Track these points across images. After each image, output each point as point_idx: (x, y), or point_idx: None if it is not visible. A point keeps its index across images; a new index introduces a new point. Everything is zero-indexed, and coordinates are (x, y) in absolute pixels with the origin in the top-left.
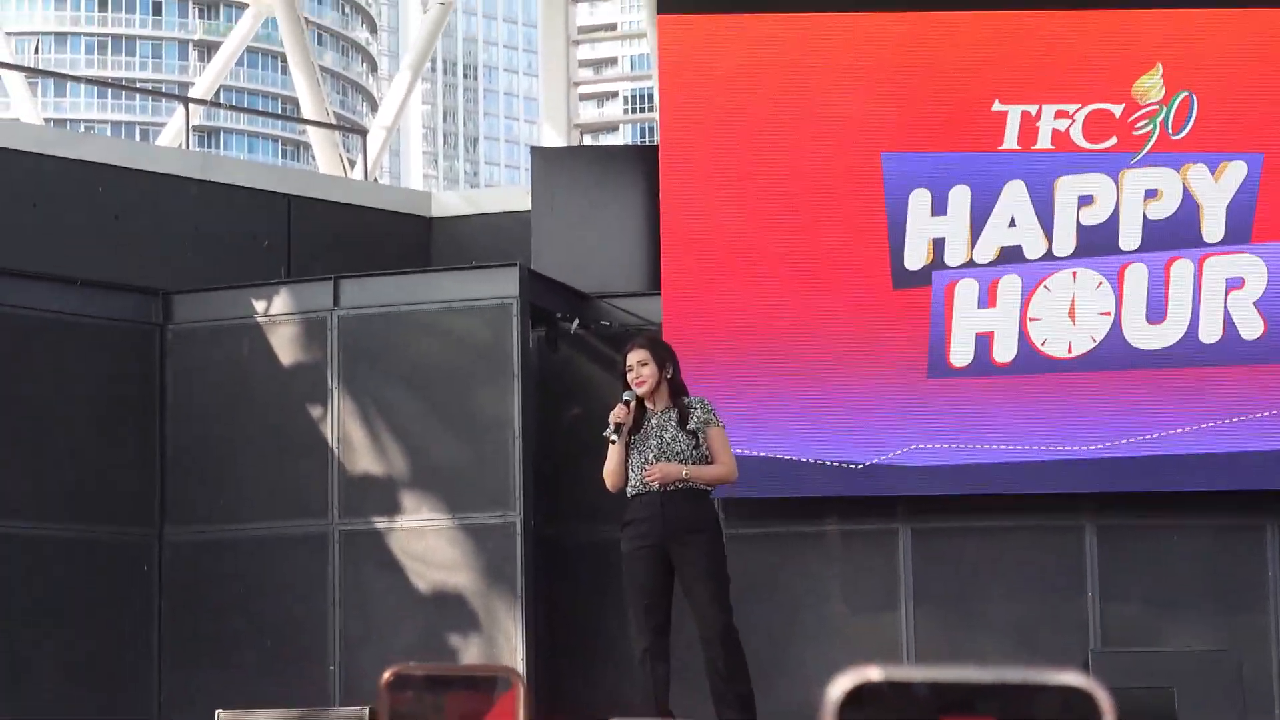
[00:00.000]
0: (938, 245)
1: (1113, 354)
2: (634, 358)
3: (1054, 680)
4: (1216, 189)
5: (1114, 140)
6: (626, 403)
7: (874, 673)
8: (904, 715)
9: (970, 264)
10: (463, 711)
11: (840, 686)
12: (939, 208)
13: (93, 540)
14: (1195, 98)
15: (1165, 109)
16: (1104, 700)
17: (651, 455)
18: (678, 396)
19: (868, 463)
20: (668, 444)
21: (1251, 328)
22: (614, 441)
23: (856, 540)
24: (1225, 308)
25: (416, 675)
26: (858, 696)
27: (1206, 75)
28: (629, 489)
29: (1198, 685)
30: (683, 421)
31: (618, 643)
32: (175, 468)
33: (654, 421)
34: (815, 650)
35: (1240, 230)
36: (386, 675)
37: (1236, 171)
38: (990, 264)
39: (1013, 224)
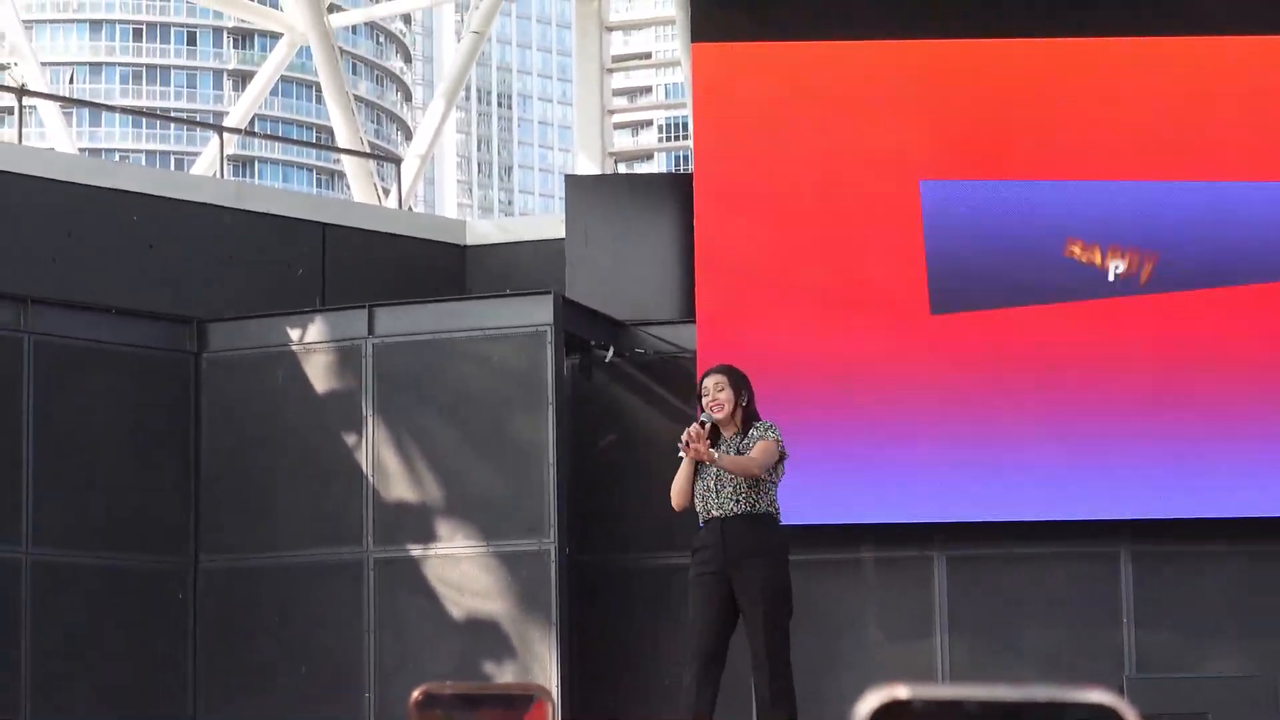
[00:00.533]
0: (975, 272)
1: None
2: (710, 382)
3: (1082, 698)
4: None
5: None
6: (702, 424)
7: (902, 691)
8: None
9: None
10: None
11: (868, 704)
12: (975, 234)
13: (128, 568)
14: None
15: None
16: (1131, 717)
17: (712, 483)
18: (746, 426)
19: (903, 489)
20: (726, 469)
21: None
22: (681, 457)
23: (892, 568)
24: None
25: (446, 694)
26: (885, 714)
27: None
28: (699, 514)
29: (1232, 711)
30: (744, 451)
31: (651, 668)
32: (210, 495)
33: (722, 449)
34: (851, 678)
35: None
36: (416, 694)
37: None
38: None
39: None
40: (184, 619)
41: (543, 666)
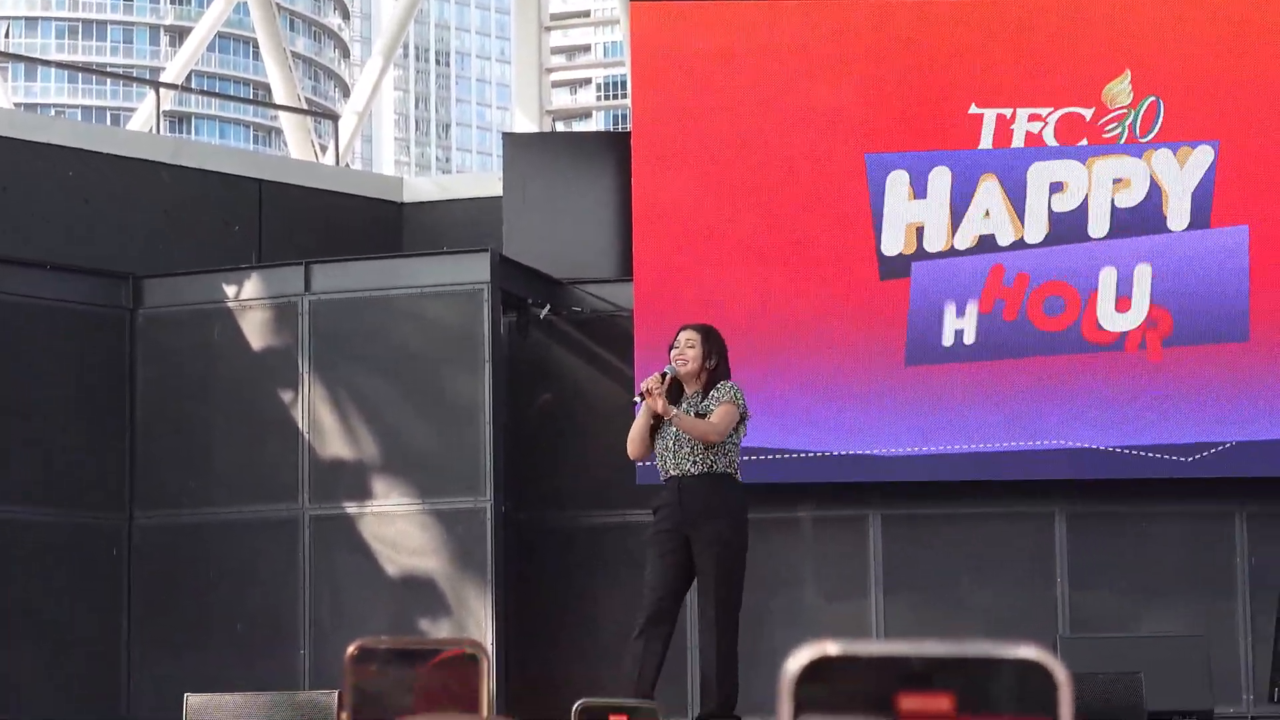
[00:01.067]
0: (918, 233)
1: (1083, 339)
2: (684, 336)
3: (1011, 655)
4: (1181, 175)
5: (1084, 142)
6: (662, 375)
7: (831, 647)
8: (862, 689)
9: (951, 251)
10: (428, 685)
11: (798, 660)
12: (919, 192)
13: (62, 524)
14: (1162, 102)
15: (1134, 113)
16: (1060, 674)
17: (670, 442)
18: (708, 389)
19: (840, 450)
20: (683, 429)
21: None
22: (635, 402)
23: (828, 527)
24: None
25: (381, 649)
26: (816, 670)
27: (1172, 77)
28: (659, 472)
29: (1166, 671)
30: (702, 413)
31: (587, 627)
32: (145, 452)
33: (683, 407)
34: (786, 636)
35: (1202, 216)
36: (351, 649)
37: (1201, 156)
38: (968, 250)
39: (987, 215)
40: (119, 575)
41: (478, 624)
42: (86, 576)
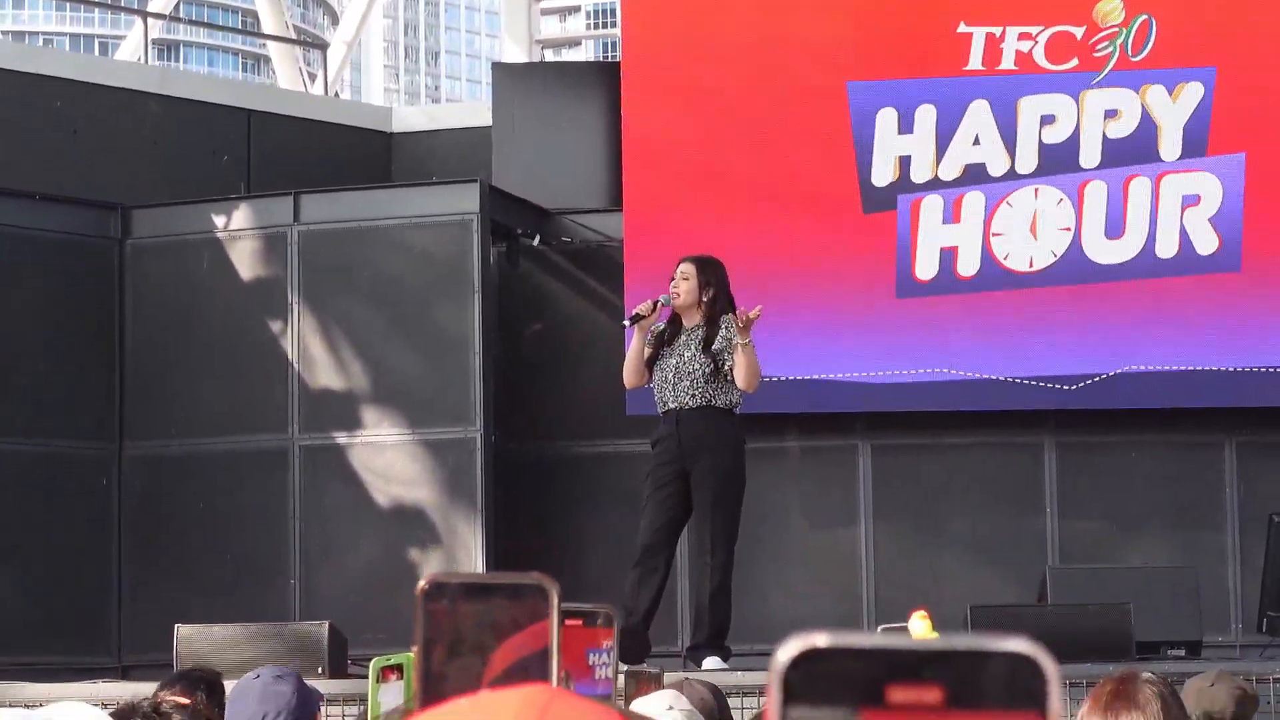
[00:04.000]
0: (904, 163)
1: (1073, 269)
2: (680, 268)
3: (1000, 647)
4: (1174, 109)
5: (1075, 61)
6: (656, 302)
7: (820, 639)
8: (851, 680)
9: (935, 181)
10: (499, 619)
11: (787, 652)
12: (905, 127)
13: (51, 455)
14: (1154, 20)
15: (1125, 31)
16: (1049, 666)
17: (670, 374)
18: (713, 320)
19: (829, 378)
20: (686, 362)
21: (1206, 243)
22: (624, 326)
23: (817, 457)
24: (1181, 224)
25: (452, 583)
26: (804, 662)
27: None
28: (658, 405)
29: (1154, 601)
30: (707, 344)
31: (578, 556)
32: (134, 383)
33: (682, 339)
34: (776, 566)
35: (1196, 149)
36: (422, 584)
37: (1193, 92)
38: (955, 181)
39: (976, 142)
40: (108, 506)
41: (468, 554)
42: (76, 508)
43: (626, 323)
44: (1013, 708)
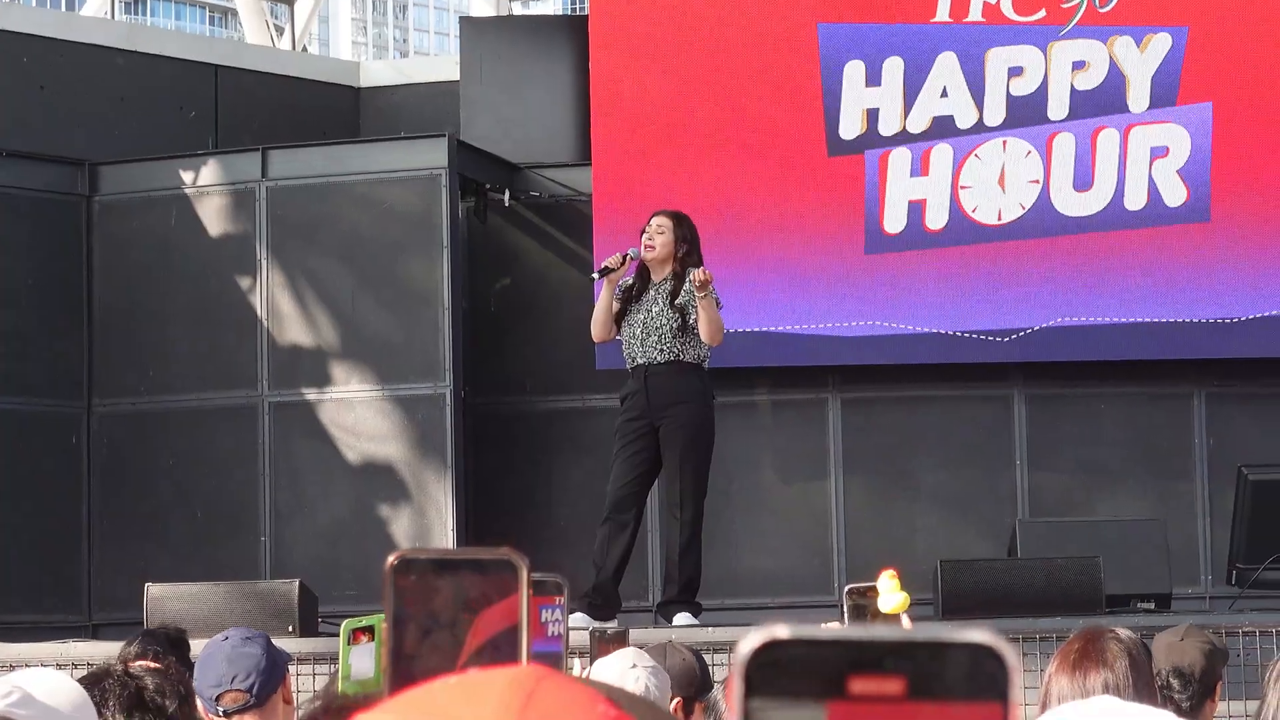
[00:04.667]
0: (871, 116)
1: (1041, 221)
2: (655, 221)
3: (962, 638)
4: (1142, 60)
5: (1043, 13)
6: (625, 255)
7: (781, 630)
8: (812, 672)
9: (903, 134)
10: (470, 594)
11: (748, 644)
12: (873, 79)
13: (20, 412)
14: None
15: None
16: (1010, 657)
17: (639, 330)
18: (681, 276)
19: (798, 331)
20: (654, 318)
21: (1175, 195)
22: (593, 278)
23: (787, 410)
24: (1150, 175)
25: (421, 559)
26: (765, 653)
27: None
28: (625, 360)
29: (1124, 554)
30: (673, 297)
31: (549, 511)
32: (102, 340)
33: (650, 293)
34: (746, 520)
35: (1165, 100)
36: (391, 559)
37: (1161, 43)
38: (922, 134)
39: (944, 94)
40: (77, 463)
41: (438, 510)
42: (44, 466)
43: (595, 275)
44: (974, 698)
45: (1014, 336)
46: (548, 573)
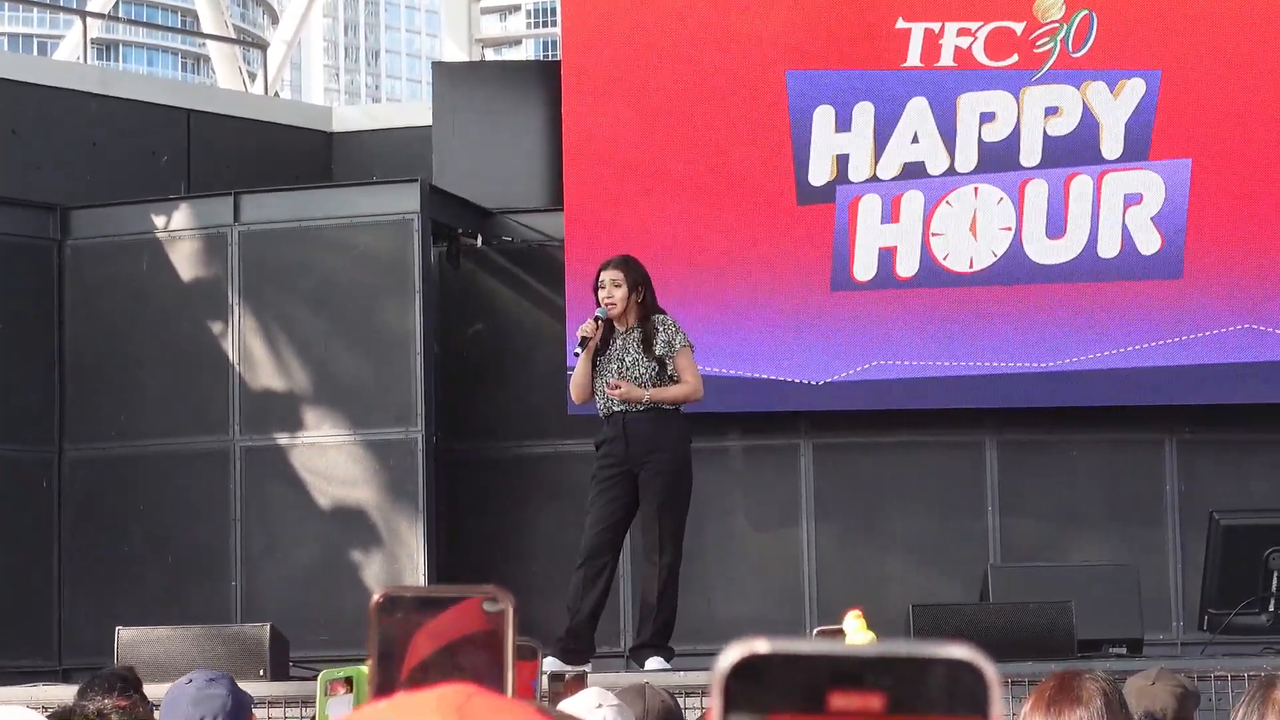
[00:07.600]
0: (841, 161)
1: (1013, 269)
2: (606, 276)
3: (942, 654)
4: (1115, 106)
5: (1015, 58)
6: (596, 319)
7: (761, 645)
8: (792, 687)
9: (874, 179)
10: (453, 632)
11: (728, 658)
12: (843, 124)
13: None
14: (1095, 16)
15: (1065, 27)
16: (990, 672)
17: (612, 378)
18: (646, 319)
19: (769, 377)
20: (628, 367)
21: (1149, 243)
22: (578, 354)
23: (758, 456)
24: (1124, 223)
25: (406, 597)
26: (745, 668)
27: None
28: (599, 409)
29: (1096, 599)
30: (647, 344)
31: (520, 557)
32: (75, 384)
33: (619, 342)
34: (718, 567)
35: (1138, 147)
36: (376, 598)
37: (1135, 89)
38: (893, 179)
39: (915, 140)
40: (49, 508)
41: (410, 555)
42: (16, 510)
43: (578, 351)
44: (954, 713)
45: (986, 382)
46: (525, 636)
